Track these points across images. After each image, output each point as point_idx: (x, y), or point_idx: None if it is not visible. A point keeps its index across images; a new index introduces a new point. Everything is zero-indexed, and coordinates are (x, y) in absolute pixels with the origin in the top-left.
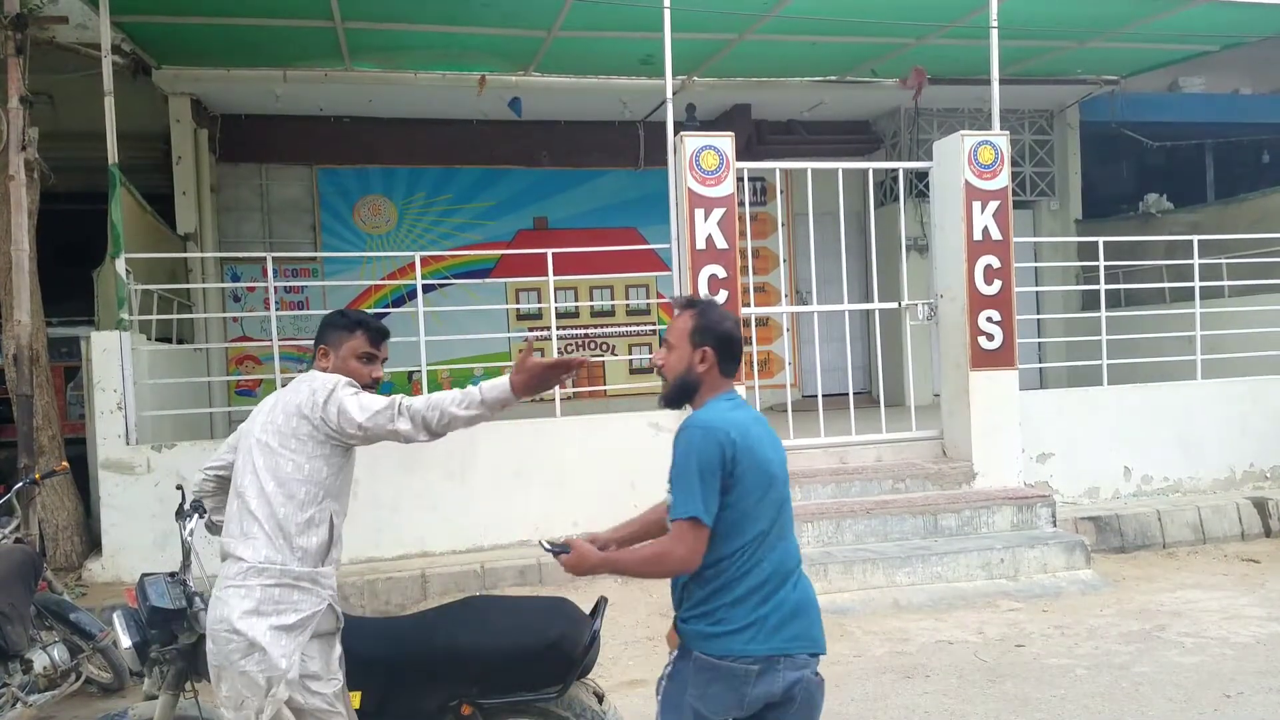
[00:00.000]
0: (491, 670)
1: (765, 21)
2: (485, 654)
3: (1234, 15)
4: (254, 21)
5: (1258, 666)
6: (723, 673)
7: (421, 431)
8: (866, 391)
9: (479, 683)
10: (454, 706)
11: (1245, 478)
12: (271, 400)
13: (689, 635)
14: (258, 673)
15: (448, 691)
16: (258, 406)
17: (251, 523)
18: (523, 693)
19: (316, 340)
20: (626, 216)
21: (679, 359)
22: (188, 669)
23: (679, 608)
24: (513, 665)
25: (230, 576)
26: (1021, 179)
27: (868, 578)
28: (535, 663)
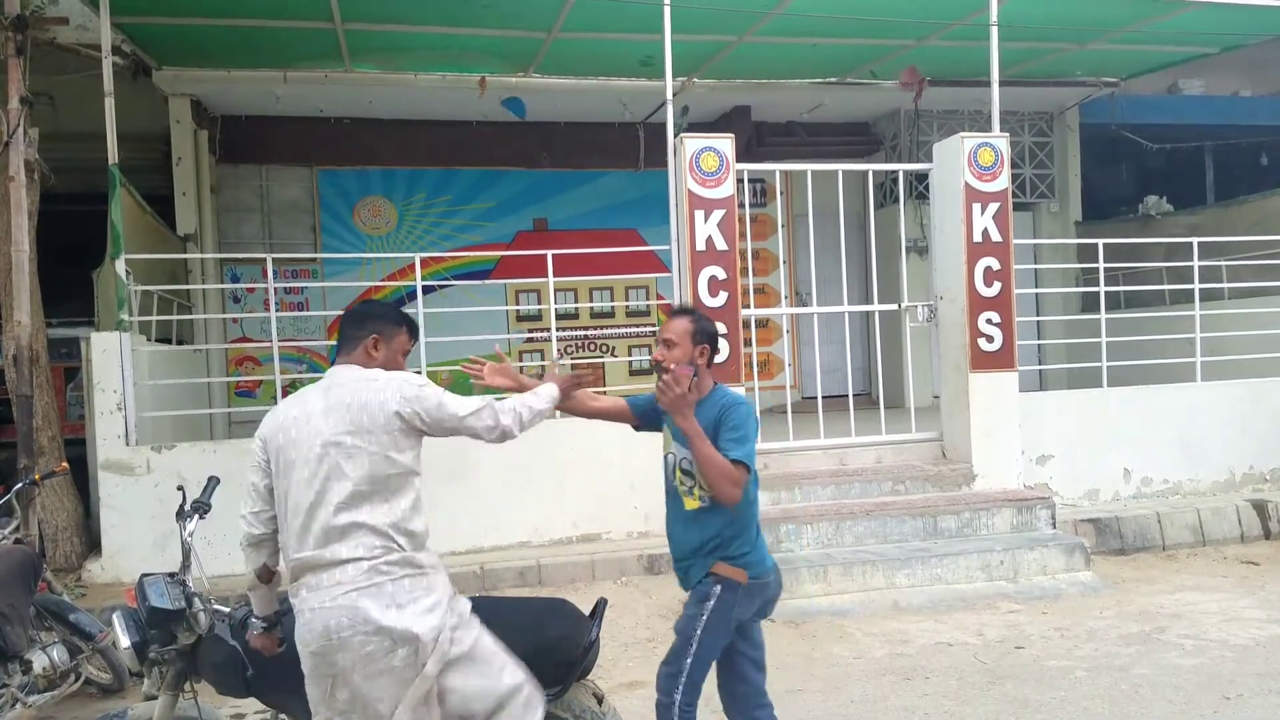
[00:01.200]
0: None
1: (765, 23)
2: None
3: (1234, 17)
4: (254, 23)
5: (1257, 668)
6: (759, 586)
7: (516, 428)
8: (866, 393)
9: None
10: None
11: (1245, 480)
12: (324, 404)
13: (749, 565)
14: (404, 665)
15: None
16: (289, 417)
17: (352, 525)
18: None
19: (362, 329)
20: (626, 218)
21: (683, 354)
22: (187, 669)
23: (717, 549)
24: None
25: (346, 581)
26: (1021, 181)
27: (867, 579)
28: (534, 664)
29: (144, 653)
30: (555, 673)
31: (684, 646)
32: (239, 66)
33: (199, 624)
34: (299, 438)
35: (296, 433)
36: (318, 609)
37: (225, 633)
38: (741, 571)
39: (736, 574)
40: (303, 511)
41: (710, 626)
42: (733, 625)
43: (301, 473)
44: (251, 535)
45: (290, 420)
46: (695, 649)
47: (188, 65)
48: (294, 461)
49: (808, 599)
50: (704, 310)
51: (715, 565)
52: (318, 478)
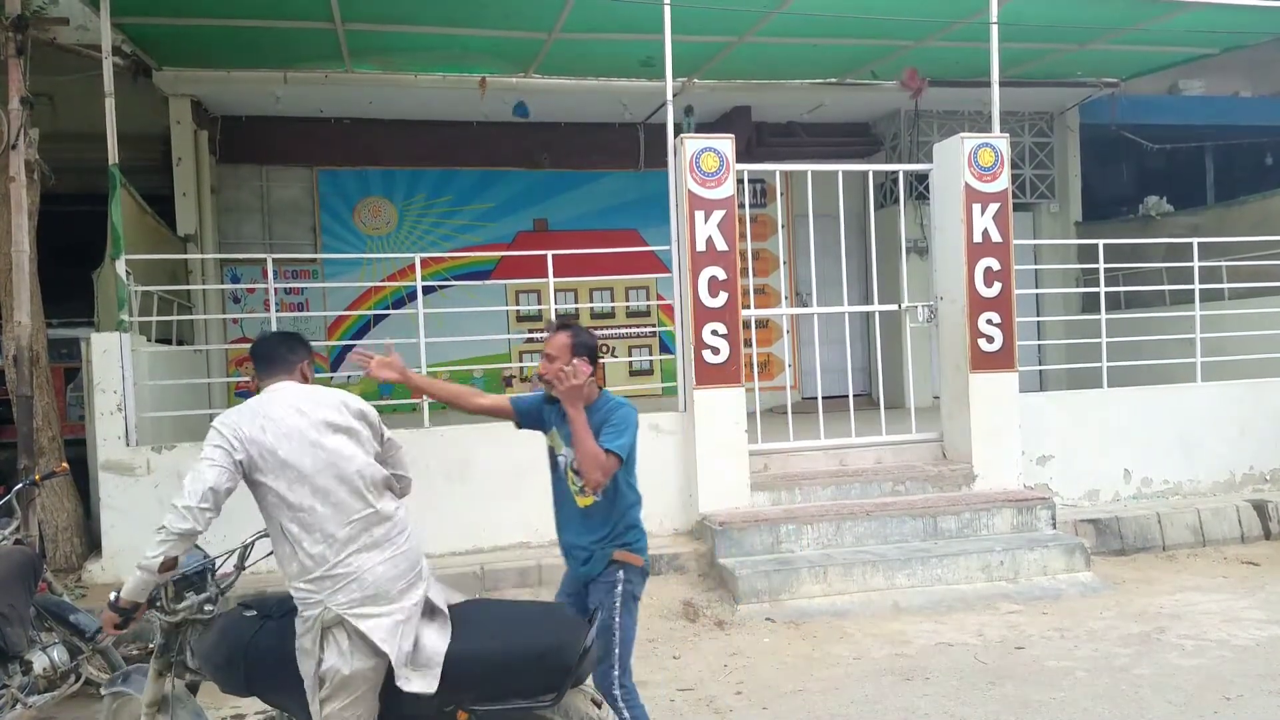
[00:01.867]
0: (486, 678)
1: (765, 23)
2: (480, 662)
3: (1234, 18)
4: (254, 23)
5: (1258, 669)
6: (647, 569)
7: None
8: (866, 393)
9: (474, 690)
10: (450, 712)
11: (1245, 480)
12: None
13: (640, 550)
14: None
15: (443, 697)
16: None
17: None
18: (518, 700)
19: (295, 354)
20: (627, 218)
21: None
22: (172, 646)
23: (615, 539)
24: (507, 673)
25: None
26: (1021, 181)
27: (867, 580)
28: (530, 671)
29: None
30: (551, 679)
31: (609, 638)
32: (239, 67)
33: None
34: (292, 424)
35: (284, 422)
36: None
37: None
38: (639, 557)
39: (635, 559)
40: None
41: (624, 609)
42: (638, 604)
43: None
44: (194, 530)
45: (274, 420)
46: (618, 634)
47: (188, 66)
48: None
49: (808, 599)
50: (704, 310)
51: (616, 553)
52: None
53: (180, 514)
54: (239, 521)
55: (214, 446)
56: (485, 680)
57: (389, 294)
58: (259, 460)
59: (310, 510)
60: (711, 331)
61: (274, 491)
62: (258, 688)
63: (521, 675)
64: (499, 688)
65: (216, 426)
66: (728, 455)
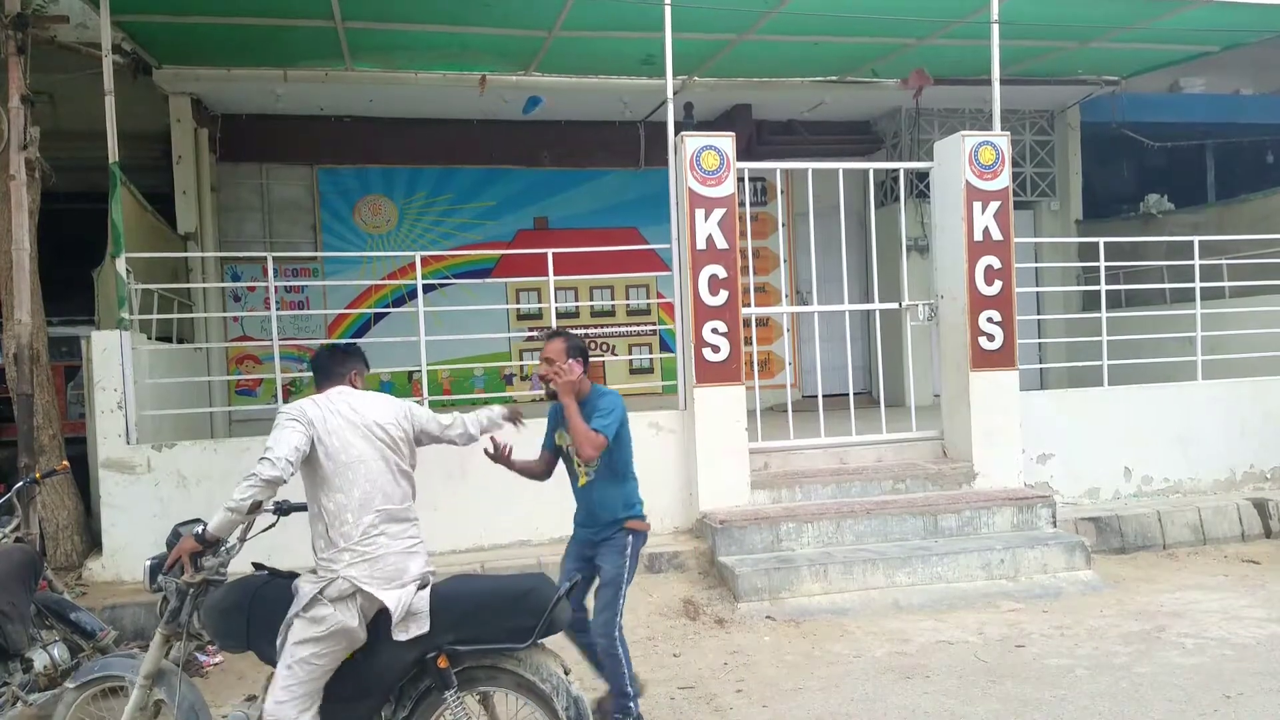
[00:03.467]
0: (470, 616)
1: (766, 21)
2: (466, 599)
3: (1235, 16)
4: (254, 21)
5: (1258, 667)
6: (647, 534)
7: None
8: (867, 392)
9: (457, 629)
10: (431, 659)
11: (1245, 478)
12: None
13: (643, 518)
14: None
15: (428, 640)
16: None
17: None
18: (494, 640)
19: (344, 366)
20: (627, 216)
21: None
22: (180, 613)
23: (630, 510)
24: (489, 610)
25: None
26: (1022, 179)
27: (868, 578)
28: (509, 610)
29: (155, 575)
30: (525, 621)
31: (615, 592)
32: (239, 65)
33: (206, 566)
34: (345, 419)
35: (341, 416)
36: (396, 552)
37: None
38: (646, 523)
39: (642, 526)
40: (377, 475)
41: (630, 570)
42: (637, 561)
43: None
44: (280, 479)
45: (332, 414)
46: (624, 588)
47: (188, 64)
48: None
49: (808, 597)
50: (704, 308)
51: (628, 522)
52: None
53: (270, 463)
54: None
55: (289, 419)
56: (465, 619)
57: (389, 292)
58: (317, 442)
59: (347, 493)
60: (712, 330)
61: (321, 471)
62: (255, 637)
63: (499, 615)
64: (478, 628)
65: (284, 410)
66: (728, 453)
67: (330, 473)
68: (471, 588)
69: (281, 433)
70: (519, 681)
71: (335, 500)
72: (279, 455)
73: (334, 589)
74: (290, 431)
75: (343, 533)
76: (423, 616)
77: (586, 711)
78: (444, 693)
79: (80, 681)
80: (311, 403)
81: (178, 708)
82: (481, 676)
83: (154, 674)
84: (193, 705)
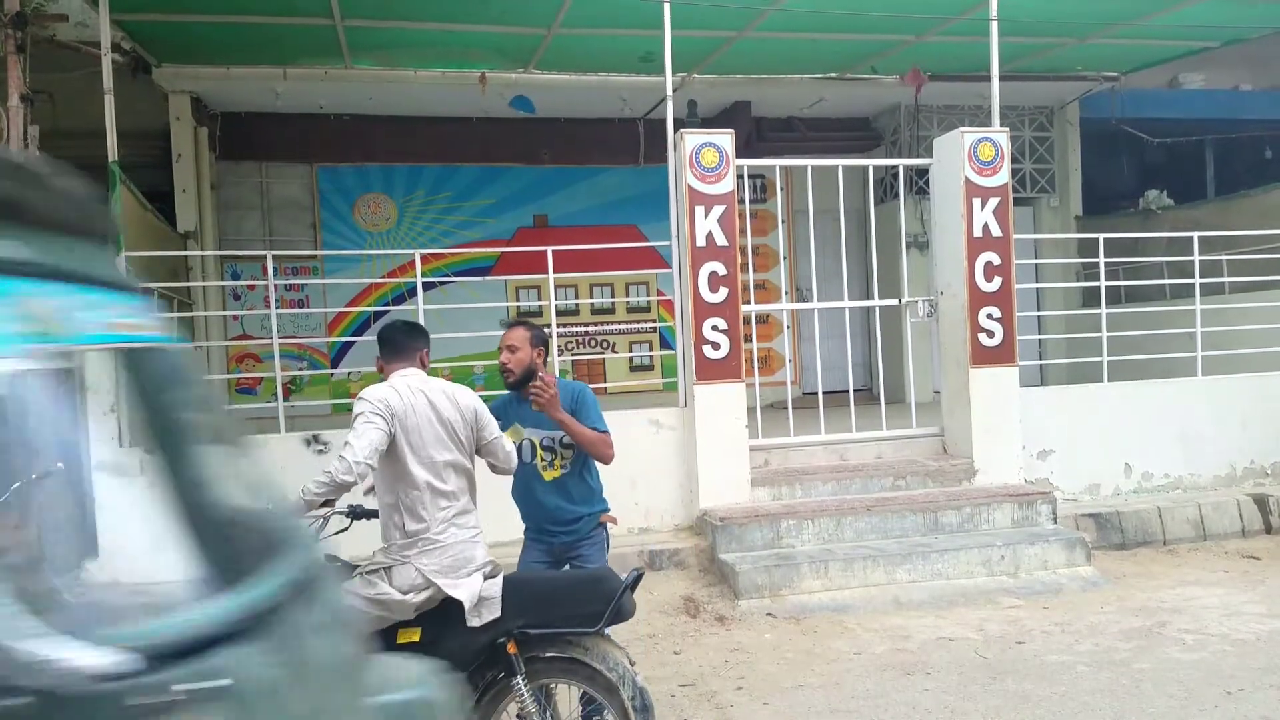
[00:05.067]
0: (541, 600)
1: (765, 18)
2: (534, 585)
3: (1235, 11)
4: (254, 19)
5: (1259, 663)
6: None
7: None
8: (867, 388)
9: (527, 613)
10: (501, 644)
11: (1246, 474)
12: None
13: (608, 510)
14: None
15: (498, 626)
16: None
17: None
18: (564, 625)
19: (415, 341)
20: (627, 214)
21: (525, 355)
22: None
23: (598, 504)
24: (560, 595)
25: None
26: (1022, 176)
27: (868, 575)
28: (579, 596)
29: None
30: (595, 607)
31: None
32: (239, 63)
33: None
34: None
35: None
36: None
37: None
38: (614, 516)
39: (612, 519)
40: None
41: (605, 551)
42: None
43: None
44: (353, 484)
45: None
46: None
47: (187, 62)
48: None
49: (809, 594)
50: (704, 306)
51: (603, 516)
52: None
53: (348, 466)
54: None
55: (371, 413)
56: (536, 604)
57: (389, 290)
58: (400, 436)
59: (424, 488)
60: (712, 327)
61: (400, 465)
62: None
63: (569, 600)
64: (548, 612)
65: (366, 398)
66: (728, 450)
67: (408, 468)
68: (542, 575)
69: (364, 429)
70: (586, 671)
71: (413, 496)
72: (357, 458)
73: (404, 578)
74: (372, 429)
75: (420, 527)
76: (495, 602)
77: (651, 702)
78: (512, 679)
79: None
80: (394, 392)
81: None
82: (548, 668)
83: None
84: None
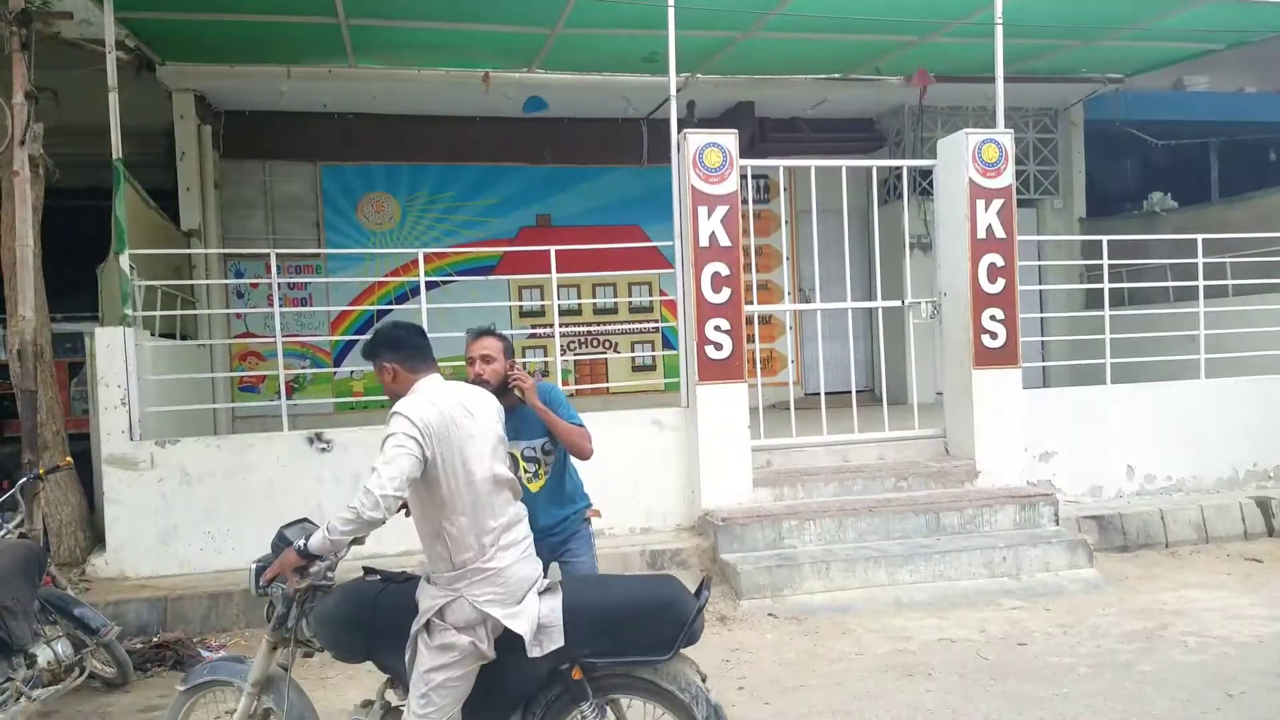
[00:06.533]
0: (607, 627)
1: (769, 19)
2: (603, 610)
3: (1239, 13)
4: (258, 18)
5: (1260, 666)
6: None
7: None
8: (869, 389)
9: (593, 641)
10: (565, 670)
11: (1248, 477)
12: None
13: (588, 507)
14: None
15: (563, 652)
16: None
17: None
18: (634, 654)
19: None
20: (630, 214)
21: (500, 366)
22: (288, 618)
23: (585, 496)
24: (628, 622)
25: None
26: (1025, 177)
27: (870, 576)
28: (648, 621)
29: (259, 577)
30: (666, 632)
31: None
32: (243, 62)
33: (312, 571)
34: (465, 427)
35: (461, 424)
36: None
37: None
38: (597, 510)
39: (596, 513)
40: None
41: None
42: None
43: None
44: (381, 521)
45: (456, 424)
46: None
47: (191, 60)
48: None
49: (810, 595)
50: (707, 306)
51: (588, 513)
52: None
53: (375, 501)
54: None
55: (406, 435)
56: (603, 632)
57: (392, 289)
58: (441, 459)
59: (470, 512)
60: (714, 327)
61: (441, 492)
62: (376, 648)
63: (638, 627)
64: (615, 640)
65: (405, 415)
66: (730, 451)
67: (450, 493)
68: (607, 598)
69: (395, 454)
70: (655, 690)
71: (458, 524)
72: (385, 491)
73: (458, 614)
74: (404, 455)
75: (467, 556)
76: (556, 631)
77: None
78: (579, 704)
79: (190, 685)
80: (434, 408)
81: (286, 716)
82: (615, 684)
83: (262, 681)
84: (301, 714)
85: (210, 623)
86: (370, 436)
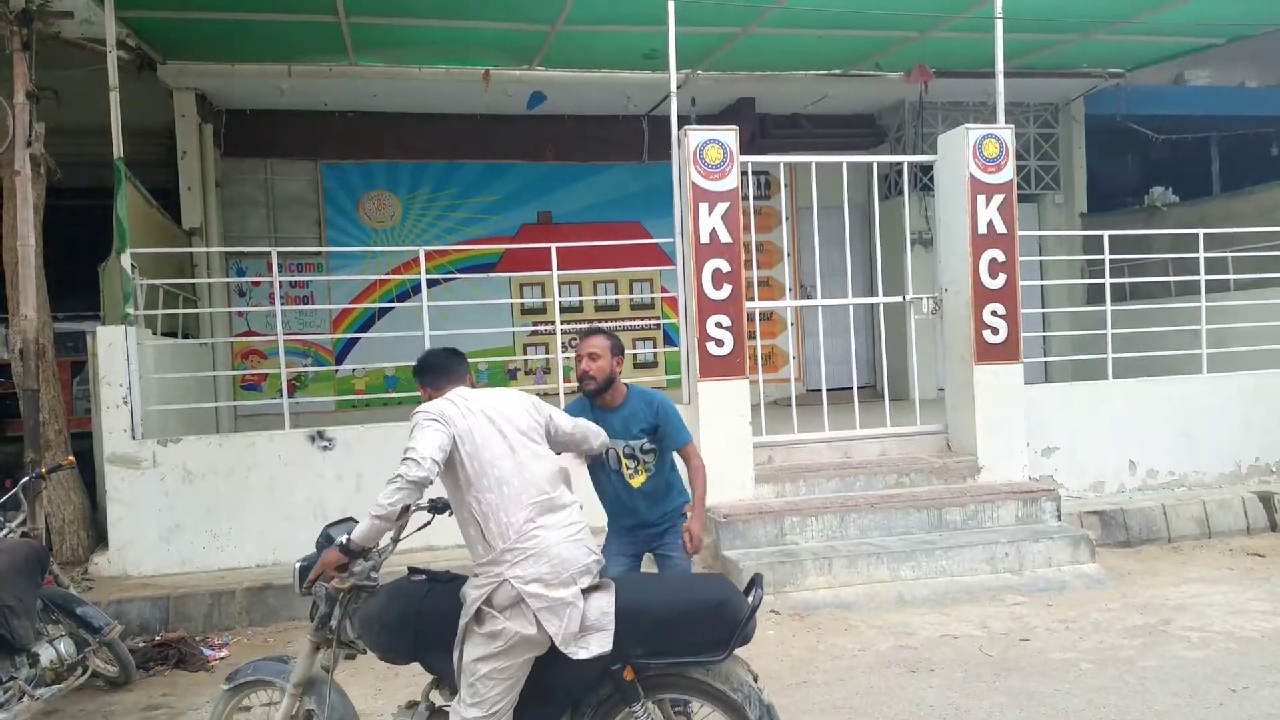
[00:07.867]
0: (661, 628)
1: (769, 15)
2: (657, 610)
3: (1240, 7)
4: (259, 16)
5: (1263, 661)
6: None
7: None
8: (871, 385)
9: (646, 642)
10: (617, 670)
11: (1251, 472)
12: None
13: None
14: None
15: (615, 653)
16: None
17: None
18: (687, 654)
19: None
20: (630, 211)
21: (606, 364)
22: (331, 618)
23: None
24: (681, 623)
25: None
26: (1026, 172)
27: (872, 572)
28: (702, 622)
29: (304, 577)
30: (720, 633)
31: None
32: (243, 60)
33: (355, 571)
34: (484, 411)
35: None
36: (576, 535)
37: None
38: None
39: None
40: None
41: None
42: None
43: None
44: (427, 479)
45: (470, 413)
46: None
47: (192, 59)
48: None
49: (812, 591)
50: (708, 302)
51: (685, 506)
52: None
53: (415, 463)
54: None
55: (426, 418)
56: (656, 632)
57: (394, 287)
58: (459, 441)
59: (497, 491)
60: (715, 324)
61: (465, 472)
62: (424, 650)
63: (691, 628)
64: (668, 641)
65: (422, 410)
66: (732, 447)
67: (475, 472)
68: (660, 598)
69: (422, 432)
70: (707, 690)
71: (485, 500)
72: (424, 454)
73: (502, 596)
74: (432, 431)
75: (499, 533)
76: (604, 634)
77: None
78: (630, 705)
79: (234, 684)
80: (448, 402)
81: (327, 717)
82: (666, 683)
83: (304, 682)
84: (343, 717)
85: (213, 621)
86: (372, 434)
